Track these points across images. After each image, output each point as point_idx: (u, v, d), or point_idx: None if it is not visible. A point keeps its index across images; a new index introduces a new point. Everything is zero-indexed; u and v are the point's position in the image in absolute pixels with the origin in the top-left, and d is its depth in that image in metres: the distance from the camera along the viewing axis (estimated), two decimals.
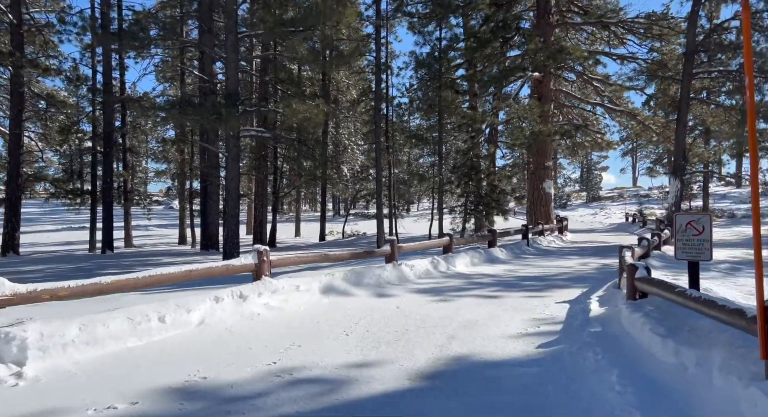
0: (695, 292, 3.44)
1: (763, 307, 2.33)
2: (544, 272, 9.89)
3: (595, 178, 54.01)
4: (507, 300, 6.98)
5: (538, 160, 19.87)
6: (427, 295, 7.33)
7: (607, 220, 36.81)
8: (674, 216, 4.81)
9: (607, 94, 21.55)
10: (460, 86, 20.99)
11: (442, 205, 18.23)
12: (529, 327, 5.30)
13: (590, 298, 6.85)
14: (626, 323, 4.52)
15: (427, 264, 9.48)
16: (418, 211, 51.30)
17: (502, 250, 12.54)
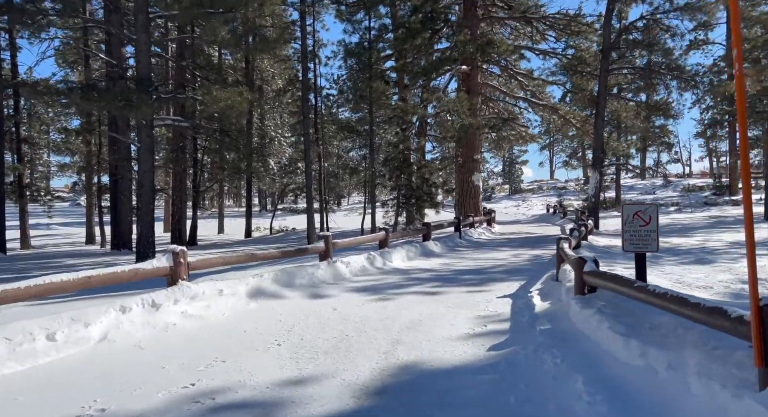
0: (658, 287, 3.23)
1: (758, 308, 2.08)
2: (479, 265, 9.76)
3: (517, 172, 56.26)
4: (448, 296, 6.68)
5: (467, 153, 20.03)
6: (365, 294, 6.87)
7: (530, 211, 38.36)
8: (622, 207, 4.69)
9: (530, 89, 22.19)
10: (390, 77, 20.68)
11: (374, 199, 17.85)
12: (476, 326, 4.98)
13: (530, 291, 6.72)
14: (578, 320, 4.31)
15: (363, 260, 9.01)
16: (348, 205, 50.80)
17: (437, 243, 12.36)
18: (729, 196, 34.88)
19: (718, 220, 21.09)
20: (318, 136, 21.66)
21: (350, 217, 40.08)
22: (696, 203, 31.95)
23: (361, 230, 20.61)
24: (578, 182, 53.80)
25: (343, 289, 7.23)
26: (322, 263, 8.05)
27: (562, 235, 7.62)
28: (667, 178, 48.99)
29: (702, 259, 9.55)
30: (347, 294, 6.93)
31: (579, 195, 42.80)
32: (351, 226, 30.77)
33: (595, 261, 4.54)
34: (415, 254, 10.81)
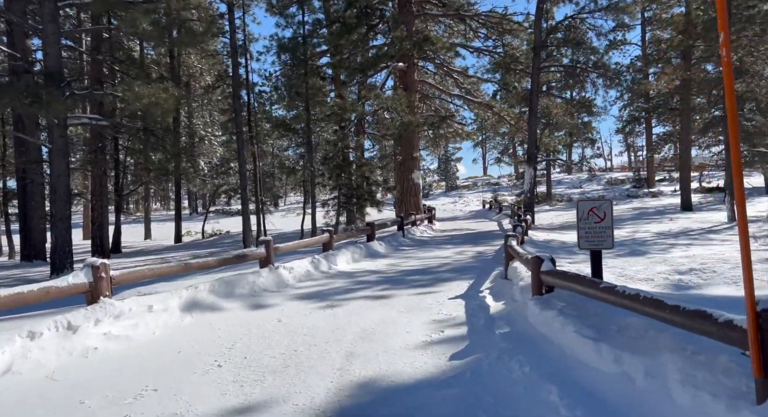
0: (627, 288, 3.08)
1: (756, 314, 1.93)
2: (426, 264, 9.60)
3: (453, 169, 57.34)
4: (398, 299, 6.41)
5: (406, 151, 19.96)
6: (311, 302, 6.46)
7: (467, 207, 39.11)
8: (577, 203, 4.60)
9: (465, 86, 22.50)
10: (326, 74, 20.20)
11: (314, 199, 17.33)
12: (432, 332, 4.74)
13: (481, 291, 6.60)
14: (538, 322, 4.15)
15: (307, 265, 8.57)
16: (286, 205, 49.56)
17: (381, 243, 12.10)
18: (647, 189, 37.36)
19: (642, 212, 22.38)
20: (252, 134, 20.79)
21: (288, 218, 39.12)
22: (620, 196, 33.89)
23: (301, 231, 19.99)
24: (511, 178, 55.72)
25: (287, 297, 6.77)
26: (264, 270, 7.54)
27: (510, 232, 7.58)
28: (592, 172, 51.80)
29: (635, 250, 9.92)
30: (292, 302, 6.49)
31: (512, 190, 44.22)
32: (290, 227, 29.94)
33: (551, 260, 4.42)
34: (360, 256, 10.48)
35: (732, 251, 8.85)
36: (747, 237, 1.99)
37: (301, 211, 42.09)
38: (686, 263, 7.41)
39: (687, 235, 12.74)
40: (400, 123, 15.82)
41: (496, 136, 54.18)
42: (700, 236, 12.45)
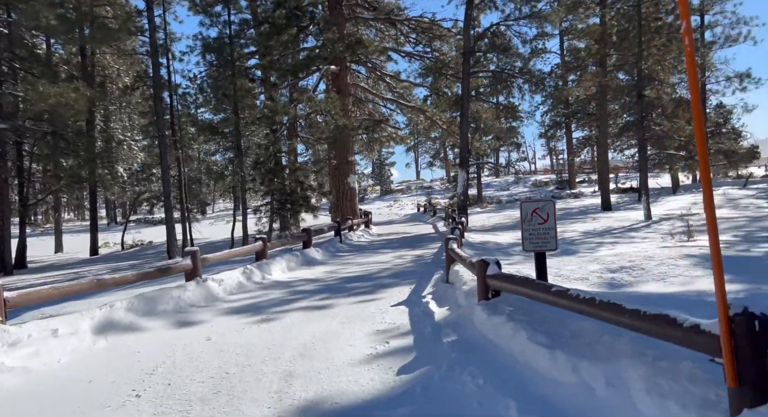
0: (582, 292, 2.95)
1: (728, 318, 1.82)
2: (365, 270, 9.34)
3: (387, 173, 57.69)
4: (339, 309, 6.09)
5: (341, 155, 19.65)
6: (245, 316, 5.98)
7: (402, 211, 39.40)
8: (520, 204, 4.53)
9: (398, 91, 22.58)
10: (255, 75, 19.49)
11: (245, 205, 16.56)
12: (377, 344, 4.46)
13: (423, 296, 6.42)
14: (486, 329, 3.99)
15: (238, 275, 8.02)
16: (214, 212, 47.52)
17: (318, 249, 11.69)
18: (569, 190, 39.43)
19: (566, 212, 23.44)
20: (175, 138, 19.62)
21: (217, 225, 37.50)
22: (545, 197, 35.46)
23: (231, 240, 19.09)
24: (443, 181, 56.84)
25: (217, 312, 6.25)
26: (190, 283, 6.94)
27: (449, 235, 7.50)
28: (518, 175, 54.03)
29: (567, 250, 10.22)
30: (223, 318, 5.98)
31: (445, 193, 45.09)
32: (219, 235, 28.62)
33: (497, 263, 4.30)
34: (296, 264, 10.03)
35: (654, 248, 9.32)
36: (717, 245, 1.88)
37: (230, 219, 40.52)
38: (616, 261, 7.67)
39: (611, 234, 13.38)
40: (334, 126, 15.49)
41: (428, 141, 55.23)
42: (622, 234, 13.11)
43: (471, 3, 18.21)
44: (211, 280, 7.34)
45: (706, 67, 18.45)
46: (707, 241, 9.48)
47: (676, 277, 6.23)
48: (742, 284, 5.46)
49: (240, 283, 7.86)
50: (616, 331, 2.90)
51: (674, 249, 8.77)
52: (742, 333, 1.79)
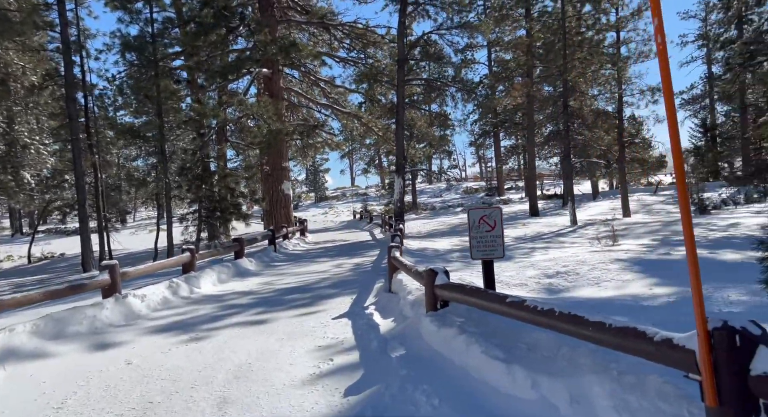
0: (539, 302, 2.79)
1: (707, 333, 1.74)
2: (303, 281, 8.96)
3: (321, 179, 57.00)
4: (277, 324, 5.72)
5: (275, 161, 19.04)
6: (171, 335, 5.46)
7: (338, 218, 38.97)
8: (468, 211, 4.41)
9: (333, 96, 22.30)
10: (181, 77, 18.51)
11: (170, 214, 15.56)
12: (321, 362, 4.17)
13: (366, 307, 6.20)
14: (436, 341, 3.81)
15: (163, 290, 7.39)
16: (135, 221, 44.59)
17: (251, 260, 11.13)
18: (498, 196, 40.87)
19: None
20: (91, 142, 18.17)
21: (139, 235, 35.27)
22: (477, 203, 36.47)
23: (155, 251, 17.89)
24: (378, 188, 57.05)
25: (140, 332, 5.67)
26: (108, 300, 6.27)
27: (392, 243, 7.34)
28: (450, 182, 55.33)
29: (532, 250, 10.40)
30: (147, 337, 5.42)
31: (380, 200, 45.22)
32: (141, 246, 26.87)
33: (446, 272, 4.16)
34: (228, 275, 9.45)
35: (584, 252, 9.68)
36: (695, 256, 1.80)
37: (154, 228, 38.31)
38: (551, 266, 7.85)
39: (542, 239, 13.84)
40: (267, 131, 14.94)
41: (363, 148, 55.26)
42: (552, 239, 13.60)
43: (404, 11, 18.36)
44: (132, 295, 6.69)
45: (623, 80, 19.73)
46: (631, 246, 9.96)
47: (610, 281, 6.43)
48: (670, 288, 5.70)
49: (165, 299, 7.25)
50: (573, 343, 2.82)
51: (603, 253, 9.14)
52: (723, 348, 1.71)
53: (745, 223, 13.07)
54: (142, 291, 7.00)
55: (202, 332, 5.54)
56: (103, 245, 18.14)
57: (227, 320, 6.09)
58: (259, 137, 14.77)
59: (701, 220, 15.39)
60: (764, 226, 12.21)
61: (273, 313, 6.35)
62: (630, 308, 4.87)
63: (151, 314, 6.56)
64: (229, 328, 5.65)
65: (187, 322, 6.11)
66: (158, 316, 6.48)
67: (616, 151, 24.42)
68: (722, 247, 9.18)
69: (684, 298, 5.14)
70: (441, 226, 21.62)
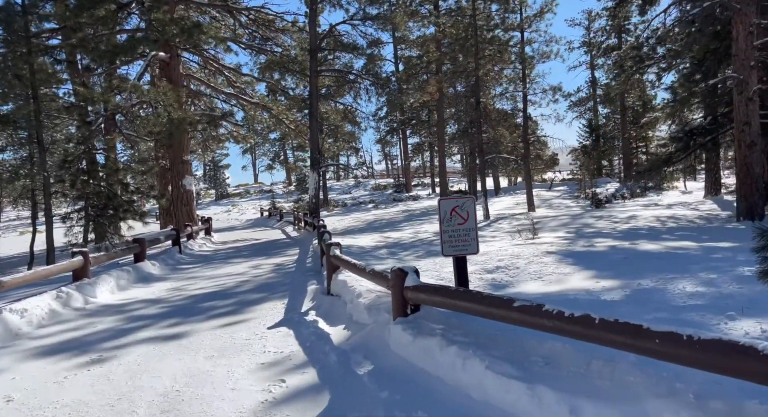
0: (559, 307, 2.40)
1: None
2: (219, 285, 8.02)
3: (222, 176, 53.94)
4: (200, 338, 4.89)
5: (175, 154, 17.35)
6: (66, 357, 4.42)
7: (243, 216, 36.99)
8: (438, 202, 3.94)
9: (239, 85, 20.86)
10: (60, 57, 16.15)
11: (50, 213, 13.46)
12: (270, 384, 3.49)
13: (306, 313, 5.54)
14: (414, 354, 3.25)
15: (50, 301, 6.13)
16: (2, 222, 38.87)
17: (154, 263, 9.84)
18: (407, 193, 41.44)
19: (410, 214, 24.30)
20: None
21: (8, 238, 30.85)
22: (387, 200, 36.59)
23: (30, 256, 15.43)
24: (285, 185, 55.27)
25: (22, 356, 4.54)
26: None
27: (330, 241, 6.71)
28: (358, 179, 55.22)
29: (431, 251, 10.19)
30: (32, 363, 4.33)
31: (288, 197, 43.78)
32: (11, 249, 23.35)
33: (416, 272, 3.67)
34: (128, 281, 8.19)
35: (510, 246, 9.77)
36: None
37: (25, 229, 33.79)
38: (488, 261, 7.72)
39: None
40: (168, 120, 13.43)
41: (266, 143, 53.17)
42: None
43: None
44: (7, 310, 5.42)
45: (527, 79, 20.64)
46: (550, 238, 10.21)
47: (551, 274, 6.38)
48: (615, 280, 5.73)
49: (53, 312, 6.01)
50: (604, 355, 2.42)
51: (529, 246, 9.25)
52: None
53: (641, 215, 14.19)
54: (21, 304, 5.71)
55: (107, 352, 4.57)
56: None
57: (137, 335, 5.12)
58: (158, 127, 13.22)
59: (601, 213, 16.54)
60: (659, 218, 13.35)
61: (192, 324, 5.47)
62: (594, 303, 4.75)
63: (34, 332, 5.36)
64: (141, 345, 4.72)
65: (85, 339, 5.05)
66: (45, 333, 5.30)
67: (520, 148, 25.68)
68: (635, 237, 9.72)
69: (636, 290, 5.16)
70: (356, 223, 21.20)
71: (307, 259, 10.48)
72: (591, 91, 40.74)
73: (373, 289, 5.04)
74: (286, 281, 7.84)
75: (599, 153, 35.38)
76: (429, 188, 43.55)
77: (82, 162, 14.59)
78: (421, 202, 33.73)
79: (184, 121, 13.60)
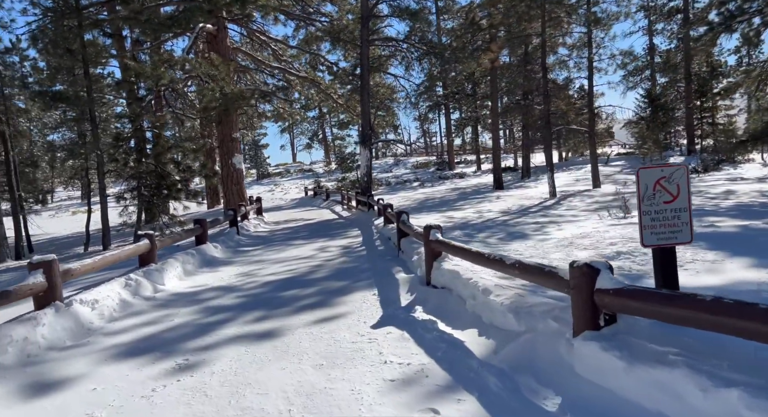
0: None
1: None
2: (291, 270, 7.35)
3: (262, 155, 53.86)
4: (296, 338, 4.17)
5: (224, 131, 16.81)
6: (147, 361, 3.77)
7: (287, 195, 36.72)
8: (637, 173, 3.02)
9: (286, 59, 20.07)
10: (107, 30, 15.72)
11: (105, 192, 13.17)
12: (419, 414, 2.70)
13: (411, 308, 4.73)
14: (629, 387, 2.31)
15: (119, 290, 5.57)
16: (54, 202, 39.96)
17: (216, 245, 9.29)
18: (450, 170, 40.22)
19: (462, 192, 23.26)
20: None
21: (61, 218, 31.52)
22: (433, 178, 35.56)
23: (86, 236, 15.33)
24: (325, 164, 54.79)
25: (98, 357, 3.93)
26: (45, 312, 4.42)
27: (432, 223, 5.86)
28: (397, 157, 54.20)
29: (512, 233, 9.25)
30: (111, 366, 3.71)
31: (329, 176, 43.25)
32: (64, 229, 23.70)
33: (609, 268, 2.74)
34: (194, 266, 7.63)
35: (606, 226, 8.71)
36: None
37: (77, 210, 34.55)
38: (597, 245, 6.75)
39: (533, 213, 12.89)
40: (221, 95, 12.80)
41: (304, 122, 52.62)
42: (546, 213, 12.64)
43: None
44: (78, 302, 4.85)
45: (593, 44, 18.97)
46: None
47: (692, 262, 5.37)
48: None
49: (124, 302, 5.44)
50: None
51: (627, 227, 8.19)
52: None
53: (739, 190, 12.76)
54: (90, 294, 5.14)
55: (193, 354, 3.91)
56: (20, 230, 15.34)
57: (221, 331, 4.46)
58: (213, 102, 12.60)
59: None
60: (764, 193, 11.91)
61: (279, 319, 4.77)
62: None
63: (107, 326, 4.77)
64: (230, 346, 4.04)
65: (163, 337, 4.42)
66: (119, 328, 4.70)
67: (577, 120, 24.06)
68: (758, 215, 8.45)
69: None
70: (406, 202, 20.34)
71: (375, 241, 9.72)
72: (648, 58, 38.06)
73: (499, 282, 4.19)
74: (364, 267, 7.09)
75: (658, 125, 33.16)
76: (473, 165, 42.15)
77: (139, 139, 14.17)
78: (468, 179, 32.56)
79: (240, 95, 12.93)
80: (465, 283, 4.34)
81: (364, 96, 17.38)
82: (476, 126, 41.40)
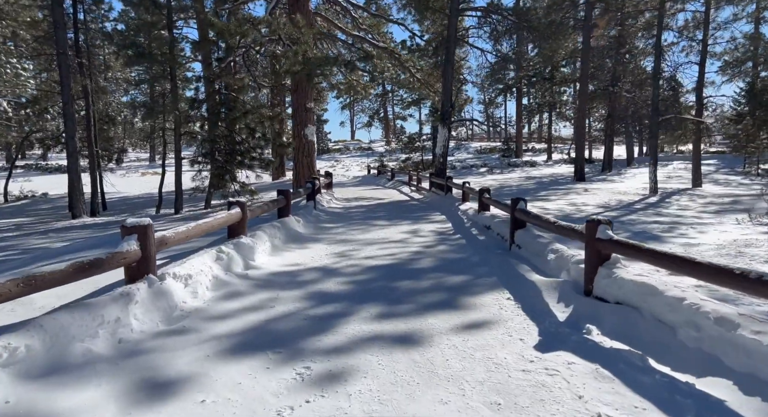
0: None
1: None
2: (390, 255, 6.47)
3: (323, 130, 53.59)
4: (441, 353, 3.27)
5: (299, 100, 16.08)
6: (264, 365, 2.97)
7: (348, 172, 36.18)
8: None
9: (365, 27, 19.07)
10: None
11: (180, 155, 12.79)
12: None
13: (578, 326, 3.70)
14: None
15: (211, 264, 4.86)
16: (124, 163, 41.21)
17: (299, 219, 8.56)
18: (517, 158, 38.36)
19: (538, 181, 21.80)
20: (82, 60, 15.01)
21: (130, 178, 32.39)
22: (501, 165, 33.97)
23: (159, 198, 15.15)
24: (385, 142, 53.94)
25: (200, 351, 3.18)
26: (138, 287, 3.72)
27: (598, 216, 4.81)
28: (459, 141, 52.53)
29: (637, 233, 8.00)
30: (223, 369, 2.93)
31: (389, 156, 42.35)
32: (134, 190, 24.08)
33: None
34: (281, 241, 6.91)
35: (757, 234, 7.32)
36: None
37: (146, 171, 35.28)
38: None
39: (640, 210, 11.46)
40: (303, 59, 12.01)
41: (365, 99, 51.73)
42: (656, 211, 11.20)
43: None
44: (171, 276, 4.14)
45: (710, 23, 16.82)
46: None
47: None
48: None
49: (216, 279, 4.71)
50: None
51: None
52: None
53: None
54: (183, 268, 4.43)
55: (314, 359, 3.09)
56: (96, 187, 15.36)
57: (338, 329, 3.63)
58: (296, 65, 11.83)
59: None
60: None
61: (404, 319, 3.89)
62: None
63: (204, 308, 4.04)
64: (356, 354, 3.19)
65: (271, 329, 3.64)
66: (218, 313, 3.96)
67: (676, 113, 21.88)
68: None
69: None
70: (496, 184, 19.16)
71: (470, 229, 8.70)
72: (752, 48, 34.37)
73: (710, 298, 3.09)
74: (474, 260, 6.09)
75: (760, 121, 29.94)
76: (543, 154, 40.05)
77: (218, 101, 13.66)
78: (540, 168, 30.86)
79: (324, 61, 12.12)
80: (672, 303, 3.26)
81: (448, 70, 16.18)
82: (551, 112, 39.16)
